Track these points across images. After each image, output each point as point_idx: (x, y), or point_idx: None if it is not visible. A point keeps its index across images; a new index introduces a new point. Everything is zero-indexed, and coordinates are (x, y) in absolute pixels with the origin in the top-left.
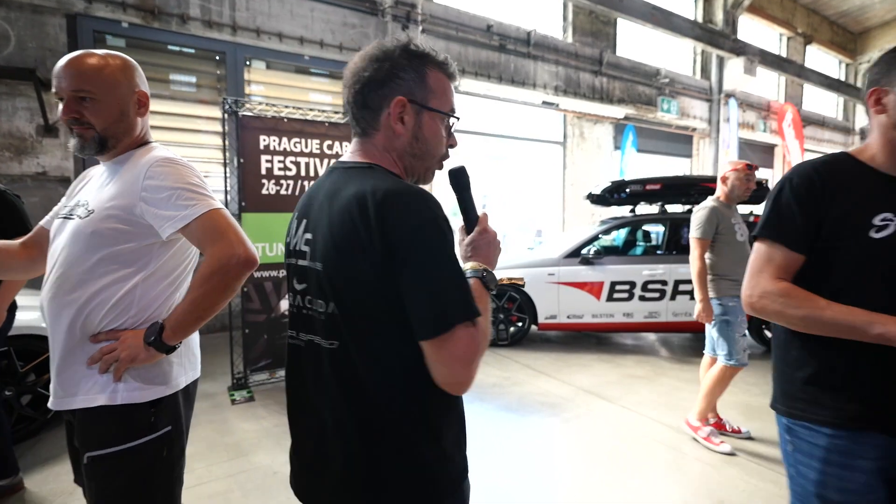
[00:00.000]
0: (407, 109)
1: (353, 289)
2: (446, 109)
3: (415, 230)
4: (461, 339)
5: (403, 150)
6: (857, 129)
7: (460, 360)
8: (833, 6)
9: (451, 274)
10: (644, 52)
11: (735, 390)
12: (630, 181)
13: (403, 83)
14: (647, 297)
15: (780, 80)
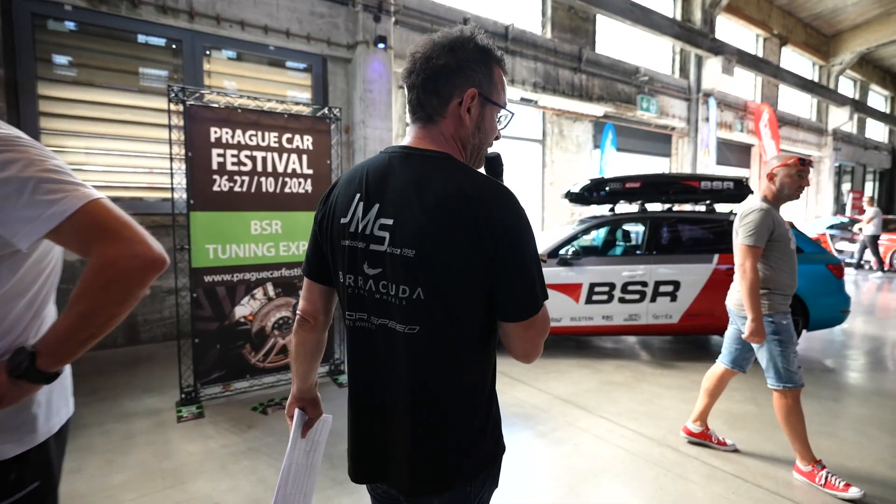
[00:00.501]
0: (475, 101)
1: (451, 277)
2: (503, 104)
3: (515, 225)
4: (542, 317)
5: (467, 140)
6: (829, 131)
7: (542, 333)
8: (807, 8)
9: (538, 262)
10: (623, 50)
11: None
12: (609, 179)
13: (475, 75)
14: (626, 298)
15: (757, 81)
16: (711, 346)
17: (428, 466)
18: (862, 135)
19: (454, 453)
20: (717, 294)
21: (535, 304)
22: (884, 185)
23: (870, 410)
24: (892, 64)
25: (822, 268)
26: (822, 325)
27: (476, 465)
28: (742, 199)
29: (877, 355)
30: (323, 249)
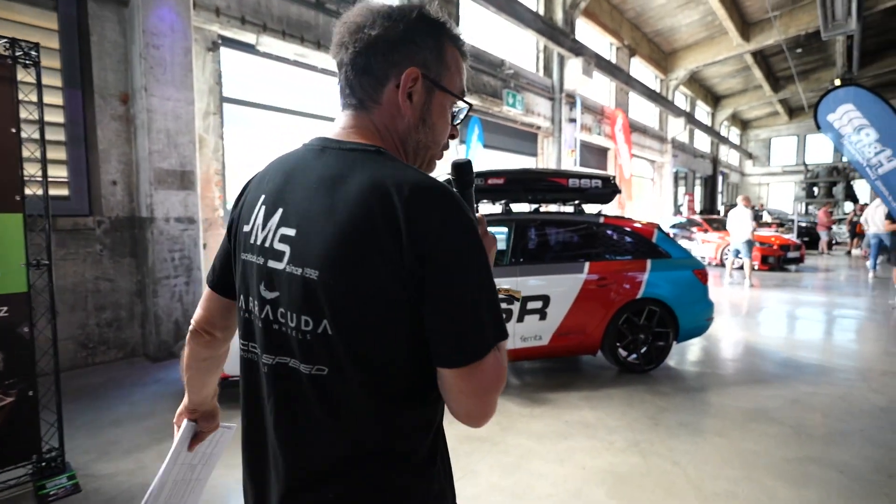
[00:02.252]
0: (418, 85)
1: (362, 303)
2: (458, 92)
3: (451, 237)
4: (492, 365)
5: (407, 134)
6: (669, 139)
7: (490, 388)
8: (650, 24)
9: (488, 289)
10: (489, 42)
11: (596, 446)
12: (486, 172)
13: (418, 52)
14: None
15: (611, 87)
16: (583, 368)
17: None
18: (692, 144)
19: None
20: (589, 308)
21: (478, 346)
22: (707, 190)
23: (755, 445)
24: (713, 84)
25: (689, 274)
26: (690, 334)
27: None
28: (611, 199)
29: (740, 364)
30: (231, 260)
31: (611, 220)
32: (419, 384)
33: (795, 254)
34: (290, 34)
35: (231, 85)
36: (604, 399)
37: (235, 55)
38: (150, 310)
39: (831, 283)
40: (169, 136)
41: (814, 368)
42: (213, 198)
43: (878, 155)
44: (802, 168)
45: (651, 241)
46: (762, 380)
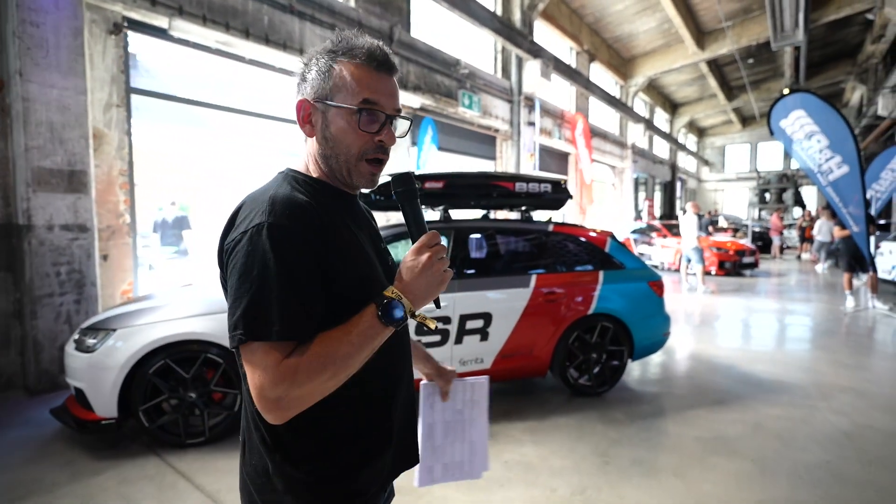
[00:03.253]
0: (313, 110)
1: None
2: (355, 103)
3: (237, 236)
4: (259, 360)
5: (318, 153)
6: (629, 144)
7: (253, 382)
8: (609, 30)
9: (251, 287)
10: (443, 40)
11: (535, 497)
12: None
13: (307, 84)
14: (423, 342)
15: (571, 91)
16: (531, 392)
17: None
18: (651, 151)
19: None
20: (536, 325)
21: (231, 333)
22: (666, 195)
23: (715, 486)
24: (671, 92)
25: (644, 286)
26: (646, 352)
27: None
28: (562, 205)
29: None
30: None
31: (560, 229)
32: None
33: (750, 259)
34: (213, 20)
35: (143, 74)
36: (551, 431)
37: (148, 41)
38: (29, 334)
39: (785, 288)
40: (53, 129)
41: (773, 385)
42: (117, 202)
43: (828, 161)
44: (755, 175)
45: (604, 251)
46: (721, 400)
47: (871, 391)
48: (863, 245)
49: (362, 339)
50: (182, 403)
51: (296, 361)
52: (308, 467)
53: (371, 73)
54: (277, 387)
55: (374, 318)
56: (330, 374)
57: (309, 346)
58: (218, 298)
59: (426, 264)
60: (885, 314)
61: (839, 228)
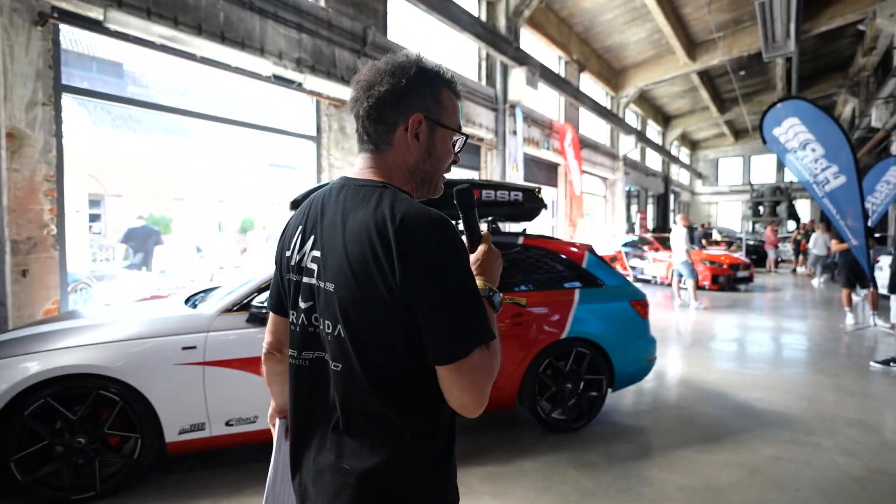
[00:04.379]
0: (422, 126)
1: (365, 312)
2: (455, 127)
3: (432, 255)
4: (477, 363)
5: (416, 166)
6: (620, 156)
7: (476, 385)
8: (599, 40)
9: (468, 297)
10: (423, 45)
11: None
12: None
13: (420, 99)
14: None
15: (560, 102)
16: (496, 427)
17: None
18: (644, 163)
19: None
20: (501, 352)
21: (458, 346)
22: (659, 208)
23: None
24: (663, 104)
25: (626, 306)
26: (628, 380)
27: None
28: (535, 215)
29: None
30: (281, 283)
31: (532, 242)
32: (418, 380)
33: (745, 273)
34: (159, 13)
35: (78, 71)
36: (514, 478)
37: (87, 35)
38: None
39: (781, 304)
40: None
41: (772, 417)
42: (41, 211)
43: (824, 171)
44: (748, 188)
45: (581, 267)
46: (713, 437)
47: (880, 424)
48: (862, 259)
49: (496, 326)
50: (68, 451)
51: (492, 354)
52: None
53: (457, 104)
54: (490, 379)
55: (491, 309)
56: (498, 361)
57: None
58: (148, 319)
59: (496, 257)
60: (886, 332)
61: (837, 242)
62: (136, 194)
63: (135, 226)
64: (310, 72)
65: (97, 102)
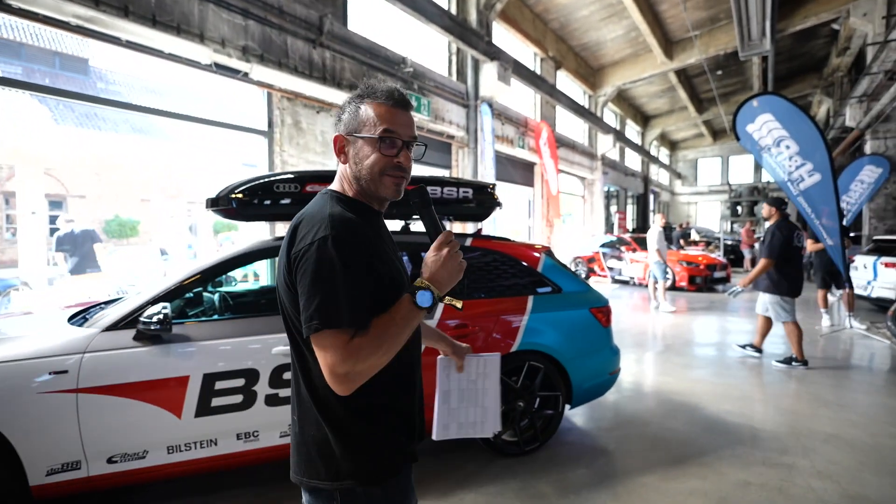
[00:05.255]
0: (345, 143)
1: (281, 291)
2: (376, 133)
3: (304, 247)
4: (329, 345)
5: (351, 175)
6: (599, 155)
7: (325, 363)
8: (576, 37)
9: (324, 286)
10: (390, 37)
11: None
12: (276, 178)
13: (341, 123)
14: (282, 396)
15: (536, 100)
16: (440, 451)
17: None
18: (623, 163)
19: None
20: None
21: (307, 325)
22: (639, 208)
23: None
24: (642, 103)
25: (586, 313)
26: (588, 395)
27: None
28: (488, 214)
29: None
30: None
31: (480, 243)
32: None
33: (722, 273)
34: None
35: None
36: None
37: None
38: None
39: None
40: None
41: (744, 434)
42: None
43: (798, 169)
44: (727, 188)
45: (536, 271)
46: (680, 459)
47: (858, 440)
48: (838, 259)
49: (405, 321)
50: None
51: (359, 342)
52: (357, 432)
53: (389, 109)
54: (346, 363)
55: (410, 304)
56: (384, 351)
57: (367, 331)
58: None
59: (446, 257)
60: (862, 334)
61: (812, 241)
62: (102, 195)
63: (66, 231)
64: (257, 61)
65: (58, 100)
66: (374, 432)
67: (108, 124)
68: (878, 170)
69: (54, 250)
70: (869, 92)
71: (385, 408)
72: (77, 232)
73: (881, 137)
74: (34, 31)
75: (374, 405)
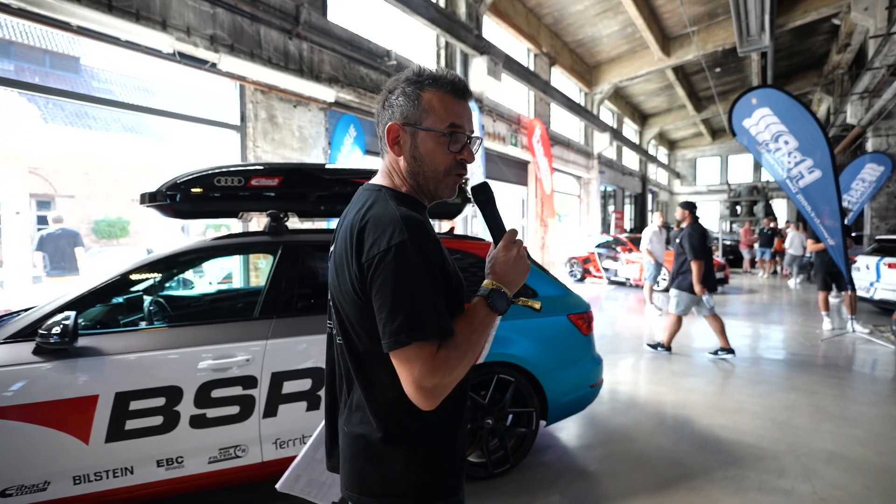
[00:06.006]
0: (401, 133)
1: (342, 299)
2: (443, 126)
3: (380, 254)
4: (416, 357)
5: (406, 170)
6: (595, 154)
7: (411, 377)
8: (570, 33)
9: (409, 296)
10: (375, 31)
11: None
12: (219, 171)
13: (395, 110)
14: (212, 417)
15: (530, 96)
16: None
17: (347, 471)
18: (620, 162)
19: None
20: None
21: (393, 338)
22: (637, 208)
23: None
24: (639, 102)
25: (563, 321)
26: (566, 411)
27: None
28: (458, 212)
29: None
30: None
31: (451, 243)
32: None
33: (719, 274)
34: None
35: None
36: None
37: None
38: None
39: (756, 308)
40: None
41: (738, 452)
42: None
43: (798, 166)
44: (726, 187)
45: None
46: (667, 484)
47: (864, 460)
48: (839, 260)
49: (483, 326)
50: None
51: (446, 353)
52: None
53: (455, 101)
54: (435, 375)
55: (485, 307)
56: (469, 359)
57: (451, 340)
58: None
59: (516, 257)
60: (865, 338)
61: (813, 241)
62: (91, 195)
63: (50, 230)
64: (227, 51)
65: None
66: (441, 448)
67: (98, 123)
68: (880, 168)
69: (34, 250)
70: (870, 88)
71: (451, 423)
72: (59, 232)
73: (883, 135)
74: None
75: (443, 421)
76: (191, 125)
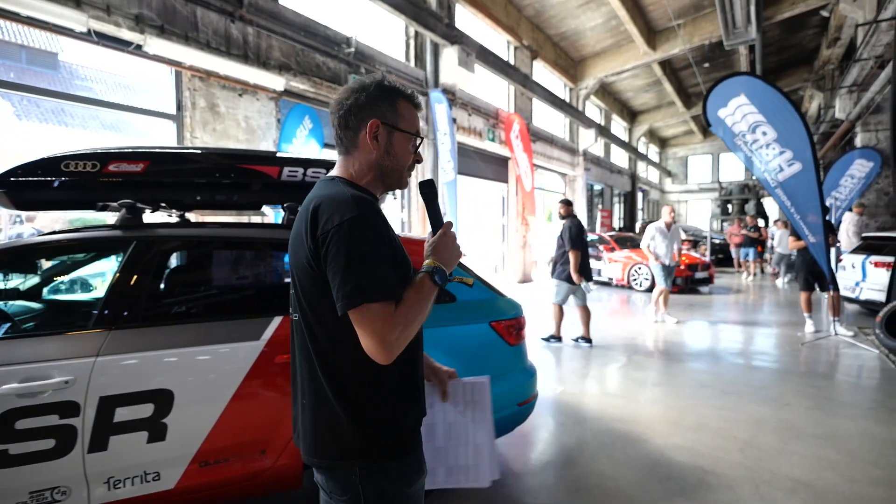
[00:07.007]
0: (380, 130)
1: (300, 273)
2: (412, 132)
3: (333, 228)
4: (377, 314)
5: (377, 163)
6: (580, 151)
7: (374, 332)
8: (553, 26)
9: (362, 263)
10: (330, 15)
11: None
12: (69, 155)
13: (377, 108)
14: (15, 454)
15: (511, 91)
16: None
17: (309, 440)
18: (608, 159)
19: (323, 435)
20: (269, 404)
21: (349, 299)
22: (626, 206)
23: None
24: (627, 98)
25: (485, 329)
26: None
27: (347, 450)
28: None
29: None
30: None
31: None
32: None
33: (704, 274)
34: None
35: None
36: None
37: None
38: None
39: (739, 309)
40: None
41: (689, 481)
42: None
43: (777, 158)
44: (717, 186)
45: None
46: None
47: (833, 490)
48: (821, 258)
49: (428, 296)
50: None
51: (401, 311)
52: (373, 412)
53: (416, 113)
54: (395, 330)
55: (429, 281)
56: (418, 322)
57: (402, 303)
58: None
59: (452, 241)
60: (849, 341)
61: (794, 239)
62: None
63: (13, 233)
64: (156, 33)
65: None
66: (390, 412)
67: (75, 120)
68: (869, 164)
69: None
70: (859, 81)
71: (399, 391)
72: (24, 237)
73: (872, 129)
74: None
75: (391, 388)
76: (126, 114)
